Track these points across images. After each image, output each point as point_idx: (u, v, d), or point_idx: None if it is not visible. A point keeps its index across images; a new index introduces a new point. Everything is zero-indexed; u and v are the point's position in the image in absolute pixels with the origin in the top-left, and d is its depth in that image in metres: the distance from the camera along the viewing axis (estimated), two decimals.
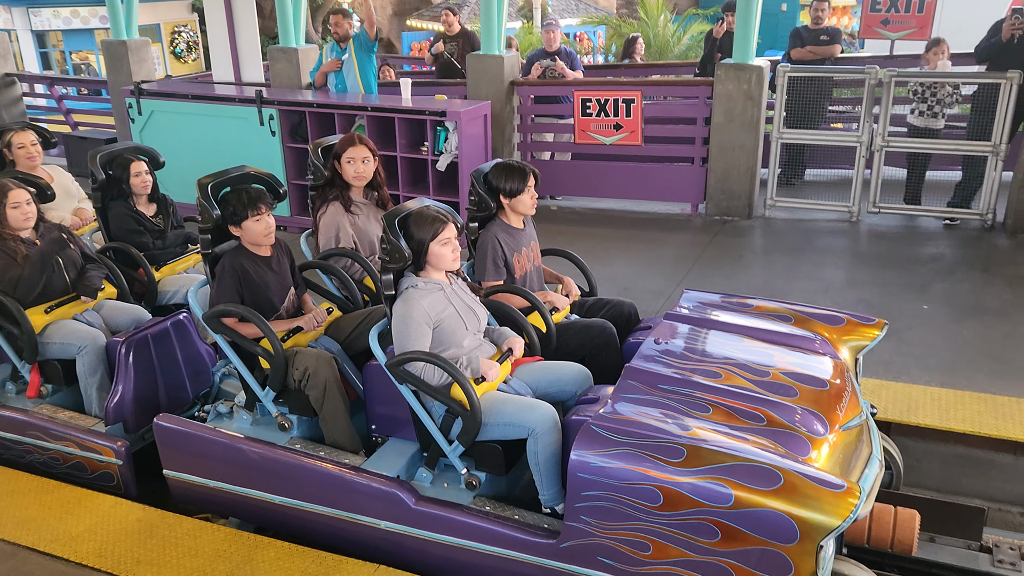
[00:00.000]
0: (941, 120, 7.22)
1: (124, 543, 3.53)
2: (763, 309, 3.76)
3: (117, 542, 3.54)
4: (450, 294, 3.45)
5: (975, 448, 4.31)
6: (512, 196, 4.00)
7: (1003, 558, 3.64)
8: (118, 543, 3.53)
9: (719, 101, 7.46)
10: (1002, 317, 5.52)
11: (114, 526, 3.65)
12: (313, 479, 3.54)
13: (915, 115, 7.26)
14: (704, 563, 2.72)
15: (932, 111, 7.17)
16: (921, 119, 7.23)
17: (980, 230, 7.18)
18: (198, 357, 4.44)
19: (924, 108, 7.18)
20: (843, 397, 3.11)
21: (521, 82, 8.25)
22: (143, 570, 3.37)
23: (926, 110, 7.18)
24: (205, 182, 3.73)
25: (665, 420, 2.91)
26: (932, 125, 7.22)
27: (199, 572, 3.34)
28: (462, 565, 3.29)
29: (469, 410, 3.22)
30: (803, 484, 2.57)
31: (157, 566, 3.39)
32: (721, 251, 7.02)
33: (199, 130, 8.05)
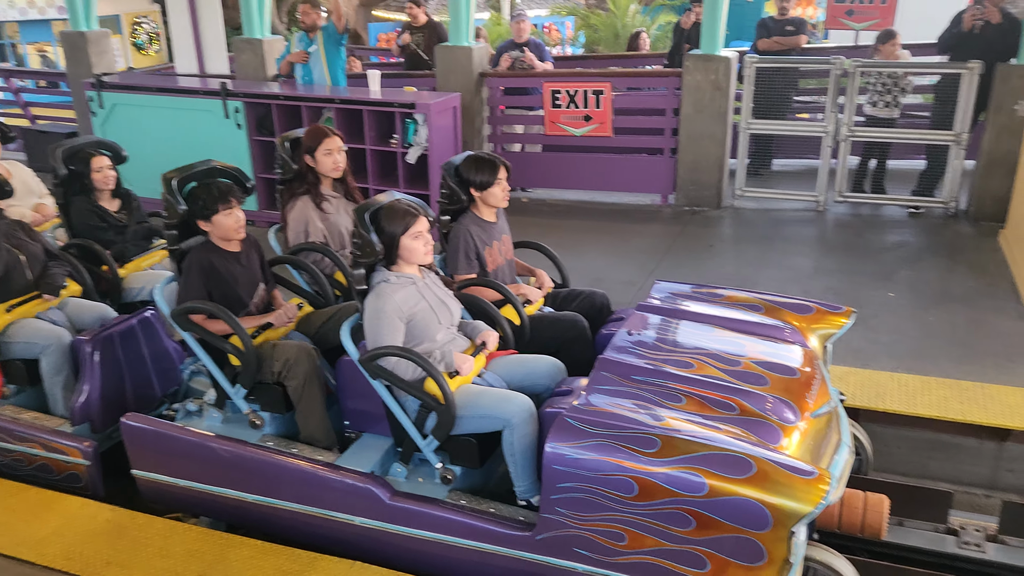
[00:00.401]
0: (897, 110, 7.33)
1: (93, 545, 3.47)
2: (733, 299, 3.79)
3: (85, 544, 3.48)
4: (423, 288, 3.43)
5: (941, 432, 4.39)
6: (483, 189, 3.99)
7: (969, 540, 3.72)
8: (86, 545, 3.48)
9: (688, 92, 7.50)
10: (967, 303, 5.62)
11: (82, 528, 3.59)
12: (286, 476, 3.50)
13: (873, 106, 7.36)
14: (679, 552, 2.74)
15: (886, 101, 7.28)
16: (876, 109, 7.33)
17: (944, 218, 7.30)
18: (166, 355, 4.37)
19: (880, 99, 7.27)
20: (813, 385, 3.14)
21: (490, 73, 8.22)
22: (113, 572, 3.32)
23: (890, 101, 7.27)
24: (170, 176, 3.67)
25: (638, 411, 2.92)
26: (889, 115, 7.33)
27: (170, 573, 3.30)
28: (438, 559, 3.29)
29: (443, 404, 3.21)
30: (775, 472, 2.59)
31: (127, 567, 3.34)
32: (691, 241, 7.07)
33: (163, 123, 7.91)
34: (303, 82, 8.01)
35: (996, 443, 4.33)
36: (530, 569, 3.07)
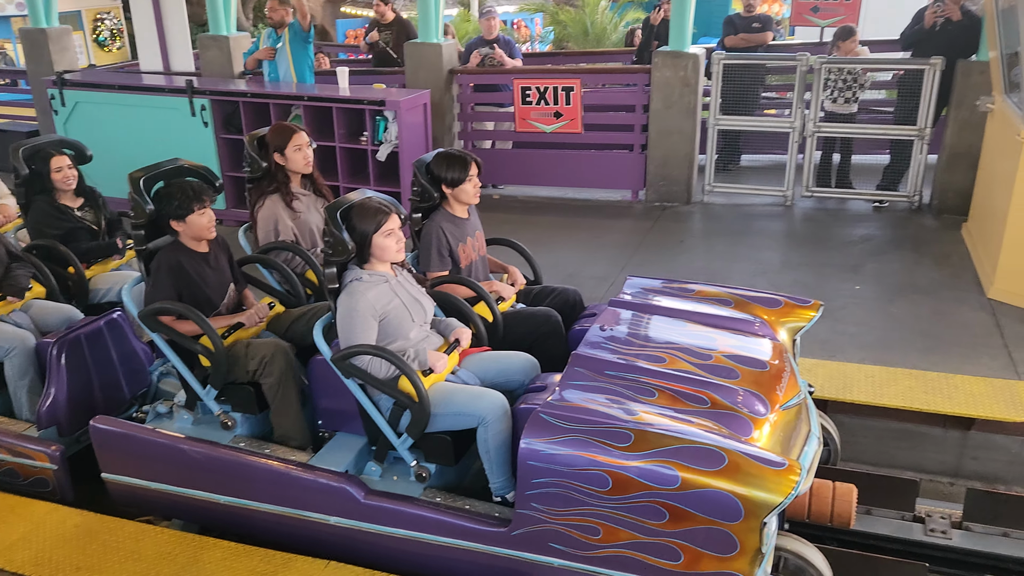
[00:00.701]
0: (855, 105, 7.44)
1: (62, 550, 3.43)
2: (704, 294, 3.84)
3: (55, 549, 3.44)
4: (395, 286, 3.42)
5: (907, 422, 4.48)
6: (455, 186, 3.99)
7: (935, 527, 3.80)
8: (56, 550, 3.43)
9: (657, 88, 7.54)
10: (930, 295, 5.73)
11: (51, 533, 3.54)
12: (259, 477, 3.48)
13: (832, 102, 7.46)
14: (653, 544, 2.77)
15: (845, 97, 7.38)
16: (836, 105, 7.44)
17: (908, 211, 7.42)
18: (134, 356, 4.31)
19: (839, 95, 7.37)
20: (782, 378, 3.19)
21: (460, 70, 8.21)
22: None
23: (849, 96, 7.37)
24: (137, 176, 3.62)
25: (612, 405, 2.95)
26: (848, 110, 7.44)
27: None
28: (414, 557, 3.29)
29: (417, 402, 3.21)
30: (746, 463, 2.63)
31: (98, 572, 3.30)
32: (662, 236, 7.12)
33: (127, 122, 7.78)
34: (269, 79, 7.94)
35: (960, 432, 4.42)
36: (506, 565, 3.08)
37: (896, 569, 3.36)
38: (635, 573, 2.82)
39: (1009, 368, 4.72)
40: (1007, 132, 5.65)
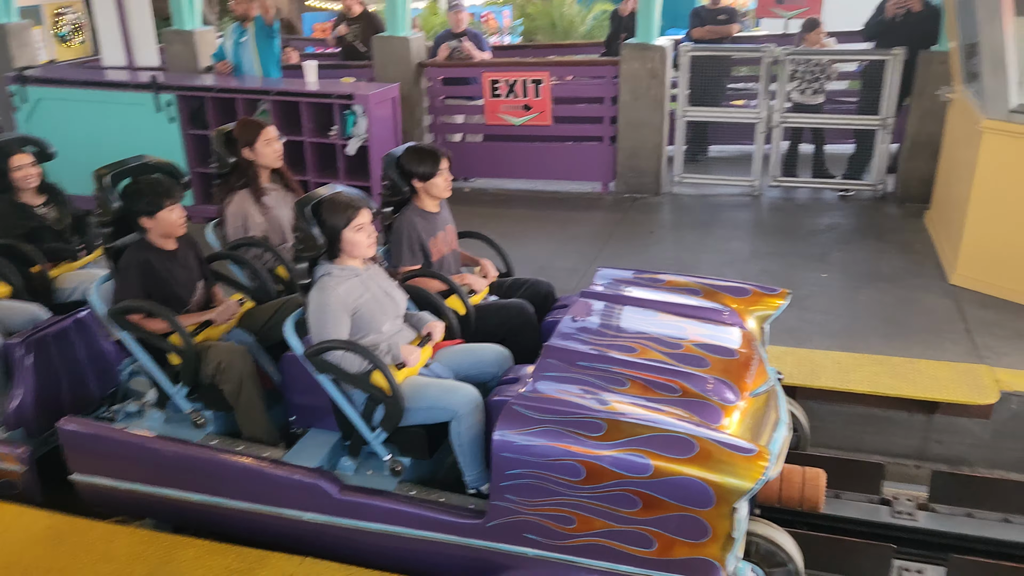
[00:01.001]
0: (822, 96, 7.54)
1: (32, 552, 3.39)
2: (674, 284, 3.88)
3: (24, 552, 3.39)
4: (367, 280, 3.42)
5: (873, 407, 4.57)
6: (425, 180, 3.98)
7: (901, 509, 3.90)
8: (25, 553, 3.39)
9: (625, 80, 7.58)
10: (895, 282, 5.83)
11: (20, 535, 3.49)
12: (232, 475, 3.47)
13: (800, 93, 7.55)
14: (626, 532, 2.81)
15: (813, 89, 7.48)
16: (803, 96, 7.53)
17: (872, 200, 7.54)
18: (102, 356, 4.26)
19: (807, 87, 7.47)
20: (751, 365, 3.24)
21: (429, 64, 8.18)
22: None
23: (817, 88, 7.47)
24: (102, 173, 3.58)
25: (584, 396, 2.97)
26: (815, 101, 7.54)
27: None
28: (390, 551, 3.29)
29: (391, 396, 3.21)
30: (717, 451, 2.67)
31: (69, 574, 3.26)
32: (632, 228, 7.17)
33: (91, 118, 7.66)
34: (236, 74, 7.85)
35: (925, 415, 4.52)
36: (482, 556, 3.10)
37: (863, 551, 3.43)
38: (609, 561, 2.86)
39: (971, 352, 4.82)
40: (967, 121, 5.76)
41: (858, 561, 3.43)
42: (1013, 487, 3.90)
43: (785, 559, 3.09)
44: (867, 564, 3.42)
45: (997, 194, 5.35)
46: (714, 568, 2.72)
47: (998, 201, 5.35)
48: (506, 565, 3.06)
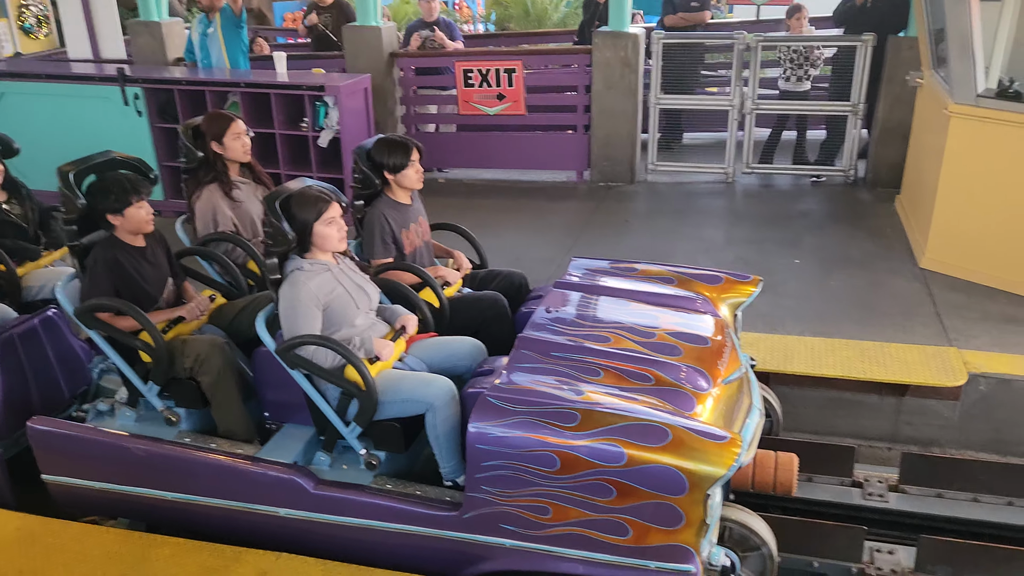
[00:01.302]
0: (807, 83, 7.58)
1: (4, 555, 3.34)
2: (647, 272, 3.89)
3: None
4: (338, 274, 3.40)
5: (845, 391, 4.63)
6: (397, 171, 3.96)
7: (872, 491, 3.95)
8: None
9: (598, 69, 7.58)
10: (866, 267, 5.90)
11: None
12: (206, 472, 3.44)
13: (786, 80, 7.59)
14: (602, 520, 2.82)
15: (799, 76, 7.52)
16: (790, 84, 7.58)
17: (844, 185, 7.62)
18: (72, 354, 4.20)
19: (792, 74, 7.51)
20: (724, 353, 3.26)
21: (401, 54, 8.13)
22: None
23: (802, 74, 7.50)
24: (66, 170, 3.52)
25: (559, 387, 2.98)
26: (801, 88, 7.58)
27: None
28: (367, 544, 3.29)
29: (365, 391, 3.20)
30: (690, 438, 2.69)
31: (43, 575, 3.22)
32: (607, 217, 7.18)
33: (57, 113, 7.53)
34: (202, 66, 7.74)
35: (896, 398, 4.58)
36: (459, 548, 3.10)
37: (835, 533, 3.48)
38: (585, 550, 2.87)
39: (941, 335, 4.89)
40: (935, 106, 5.82)
41: (831, 543, 3.48)
42: (981, 467, 3.97)
43: (759, 543, 3.13)
44: (839, 546, 3.47)
45: (965, 178, 5.42)
46: (688, 554, 2.74)
47: (966, 185, 5.42)
48: (483, 556, 3.07)
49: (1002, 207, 5.27)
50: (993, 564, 3.37)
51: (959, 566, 3.38)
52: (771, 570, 3.15)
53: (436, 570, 3.16)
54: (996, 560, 3.38)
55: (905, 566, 3.48)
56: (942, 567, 3.39)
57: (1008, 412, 4.48)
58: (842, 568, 3.46)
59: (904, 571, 3.45)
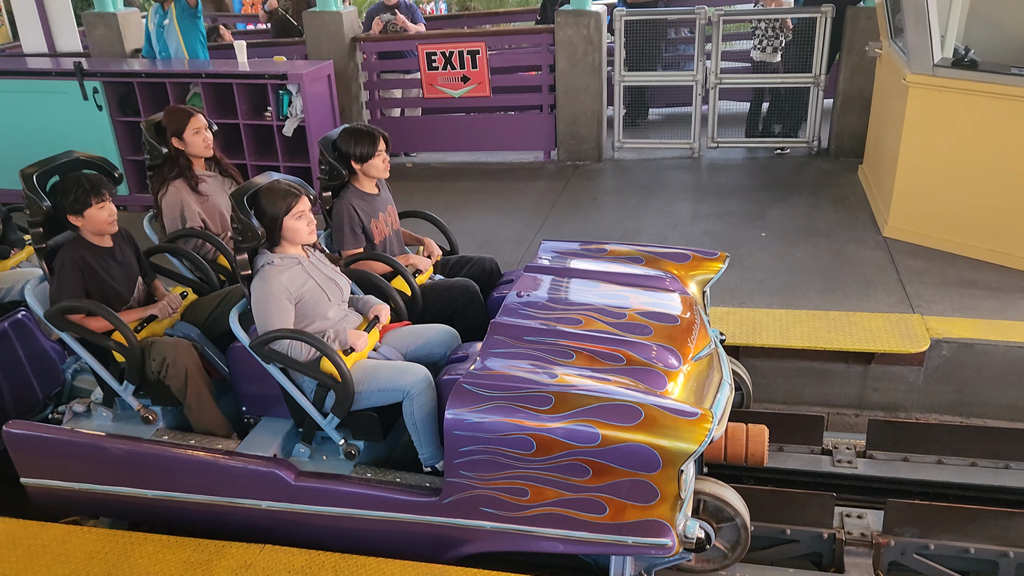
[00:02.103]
0: (779, 54, 7.62)
1: None
2: (616, 253, 3.94)
3: None
4: (309, 267, 3.41)
5: (813, 361, 4.72)
6: (364, 161, 3.96)
7: (841, 458, 4.07)
8: None
9: (561, 47, 7.58)
10: (830, 237, 5.99)
11: None
12: (186, 469, 3.46)
13: (761, 51, 7.62)
14: (579, 499, 2.89)
15: (774, 46, 7.55)
16: (764, 54, 7.60)
17: (807, 156, 7.71)
18: (44, 356, 4.18)
19: (768, 44, 7.52)
20: (693, 330, 3.33)
21: (363, 38, 8.06)
22: None
23: (777, 45, 7.52)
24: (29, 172, 3.48)
25: (532, 371, 3.03)
26: (771, 59, 7.62)
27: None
28: (349, 533, 3.33)
29: (341, 382, 3.23)
30: (661, 416, 2.76)
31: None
32: (575, 195, 7.22)
33: (13, 109, 7.37)
34: (161, 57, 7.62)
35: (862, 366, 4.69)
36: (440, 532, 3.16)
37: (806, 500, 3.58)
38: (564, 528, 2.94)
39: (904, 302, 5.00)
40: (894, 76, 5.91)
41: (802, 511, 3.58)
42: (945, 430, 4.10)
43: (732, 514, 3.21)
44: (811, 512, 3.57)
45: (924, 147, 5.52)
46: (664, 528, 2.82)
47: (925, 153, 5.53)
48: (465, 539, 3.13)
49: (961, 174, 5.38)
50: (958, 524, 3.49)
51: (925, 527, 3.50)
52: (745, 540, 3.24)
53: (419, 555, 3.20)
54: (960, 520, 3.49)
55: (874, 529, 3.60)
56: (909, 528, 3.50)
57: (969, 375, 4.61)
58: (814, 534, 3.56)
59: (873, 534, 3.56)
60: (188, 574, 3.18)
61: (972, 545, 3.46)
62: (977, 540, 3.47)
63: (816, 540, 3.57)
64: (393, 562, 3.14)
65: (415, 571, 3.09)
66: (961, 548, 3.47)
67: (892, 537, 3.51)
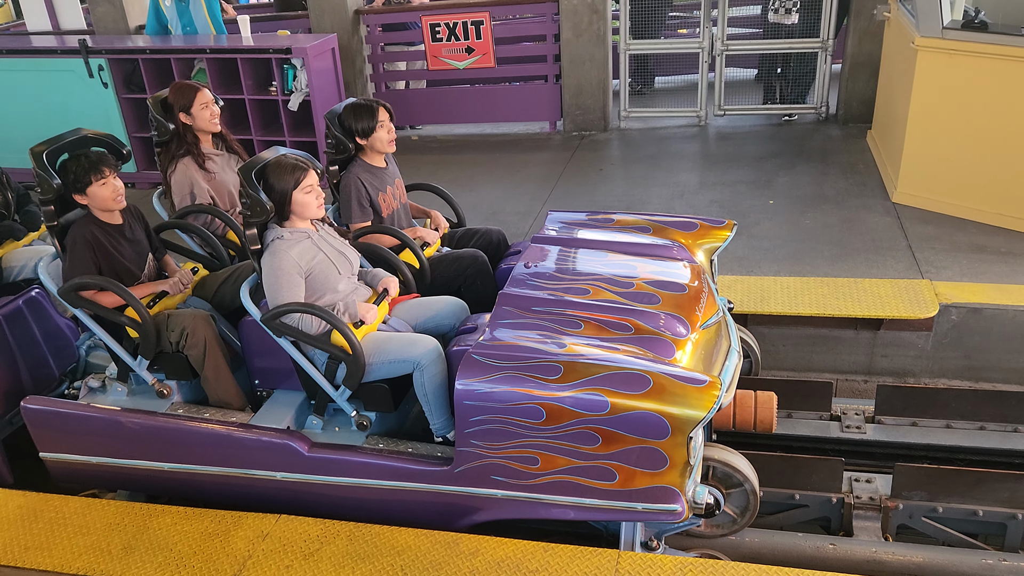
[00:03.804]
0: (795, 15, 7.49)
1: (8, 532, 3.40)
2: (623, 223, 3.94)
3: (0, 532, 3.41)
4: (318, 241, 3.42)
5: (821, 328, 4.73)
6: (367, 135, 3.97)
7: (850, 423, 4.09)
8: (1, 533, 3.40)
9: (565, 17, 7.52)
10: (838, 204, 5.97)
11: None
12: (201, 441, 3.50)
13: (775, 12, 7.50)
14: (589, 467, 2.92)
15: (786, 8, 7.44)
16: (779, 16, 7.48)
17: (816, 123, 7.66)
18: (59, 332, 4.22)
19: (781, 5, 7.39)
20: (701, 298, 3.34)
21: (366, 11, 8.01)
22: (33, 555, 3.27)
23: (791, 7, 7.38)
24: (39, 151, 3.50)
25: (541, 340, 3.04)
26: (789, 21, 7.48)
27: (94, 549, 3.28)
28: (363, 503, 3.38)
29: (352, 354, 3.25)
30: (670, 384, 2.78)
31: (47, 549, 3.29)
32: (582, 166, 7.20)
33: (19, 88, 7.38)
34: (184, 33, 7.55)
35: (871, 332, 4.70)
36: (452, 501, 3.20)
37: (814, 466, 3.61)
38: (575, 496, 2.97)
39: (913, 268, 4.99)
40: (903, 40, 5.85)
41: (811, 476, 3.61)
42: (953, 395, 4.11)
43: (741, 480, 3.25)
44: (820, 478, 3.61)
45: (933, 111, 5.47)
46: (674, 494, 2.86)
47: (934, 118, 5.48)
48: (476, 507, 3.18)
49: (970, 138, 5.33)
50: (966, 487, 3.52)
51: (934, 490, 3.53)
52: (754, 505, 3.28)
53: (431, 524, 3.25)
54: (968, 483, 3.52)
55: (883, 493, 3.63)
56: (917, 492, 3.53)
57: (978, 339, 4.61)
58: (823, 499, 3.60)
59: (882, 498, 3.59)
60: (206, 544, 3.25)
61: (980, 507, 3.49)
62: (985, 503, 3.50)
63: (825, 504, 3.61)
64: (406, 530, 3.20)
65: (428, 539, 3.15)
66: (969, 511, 3.50)
67: (900, 500, 3.54)
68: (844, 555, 3.37)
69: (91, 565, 3.20)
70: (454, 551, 3.08)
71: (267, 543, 3.22)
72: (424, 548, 3.11)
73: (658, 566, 2.94)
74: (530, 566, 2.98)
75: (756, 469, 3.32)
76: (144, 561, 3.18)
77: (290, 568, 3.09)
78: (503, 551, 3.06)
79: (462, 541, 3.12)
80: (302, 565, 3.10)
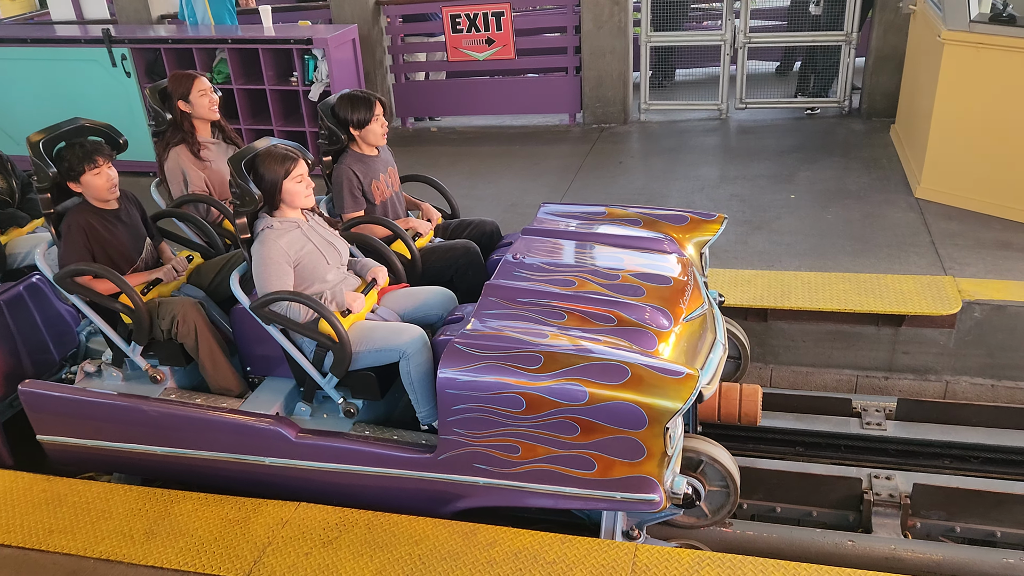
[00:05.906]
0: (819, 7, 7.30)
1: (32, 516, 3.43)
2: (614, 215, 3.90)
3: (24, 516, 3.44)
4: (308, 231, 3.42)
5: (842, 324, 4.62)
6: (361, 127, 3.96)
7: (871, 420, 4.01)
8: (25, 517, 3.43)
9: (587, 8, 7.44)
10: (861, 199, 5.82)
11: (18, 500, 3.54)
12: (193, 426, 3.53)
13: (813, 6, 7.32)
14: (568, 456, 2.89)
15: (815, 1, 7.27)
16: (817, 8, 7.30)
17: (839, 117, 7.48)
18: (59, 318, 4.27)
19: None
20: (686, 291, 3.29)
21: (386, 1, 8.00)
22: (57, 539, 3.31)
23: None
24: (35, 139, 3.55)
25: (524, 331, 3.02)
26: (814, 12, 7.32)
27: (117, 533, 3.31)
28: (349, 488, 3.38)
29: (338, 343, 3.25)
30: (648, 375, 2.73)
31: (71, 533, 3.33)
32: (601, 159, 7.12)
33: (44, 78, 7.48)
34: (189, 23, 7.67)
35: (892, 329, 4.57)
36: (435, 487, 3.19)
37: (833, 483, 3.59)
38: (555, 484, 2.95)
39: (936, 264, 4.85)
40: (928, 33, 5.67)
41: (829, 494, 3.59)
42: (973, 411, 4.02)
43: (723, 473, 3.18)
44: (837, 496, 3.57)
45: (958, 105, 5.30)
46: (652, 484, 2.82)
47: (960, 112, 5.31)
48: (459, 494, 3.17)
49: (996, 134, 5.16)
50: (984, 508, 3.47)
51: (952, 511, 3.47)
52: (733, 500, 3.23)
53: (415, 510, 3.25)
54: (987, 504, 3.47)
55: (903, 491, 3.56)
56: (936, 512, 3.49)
57: (1001, 337, 4.46)
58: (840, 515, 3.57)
59: (901, 495, 3.53)
60: (227, 530, 3.27)
61: (999, 529, 3.41)
62: (1004, 524, 3.43)
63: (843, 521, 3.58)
64: (424, 520, 3.21)
65: (446, 529, 3.15)
66: (988, 532, 3.43)
67: (918, 519, 3.48)
68: (863, 552, 3.33)
69: (114, 549, 3.23)
70: (471, 541, 3.08)
71: (286, 530, 3.23)
72: (442, 538, 3.11)
73: (675, 560, 2.92)
74: (547, 557, 2.97)
75: (772, 486, 3.27)
76: (165, 546, 3.21)
77: (309, 555, 3.09)
78: (520, 542, 3.05)
79: (479, 532, 3.12)
80: (321, 552, 3.10)
